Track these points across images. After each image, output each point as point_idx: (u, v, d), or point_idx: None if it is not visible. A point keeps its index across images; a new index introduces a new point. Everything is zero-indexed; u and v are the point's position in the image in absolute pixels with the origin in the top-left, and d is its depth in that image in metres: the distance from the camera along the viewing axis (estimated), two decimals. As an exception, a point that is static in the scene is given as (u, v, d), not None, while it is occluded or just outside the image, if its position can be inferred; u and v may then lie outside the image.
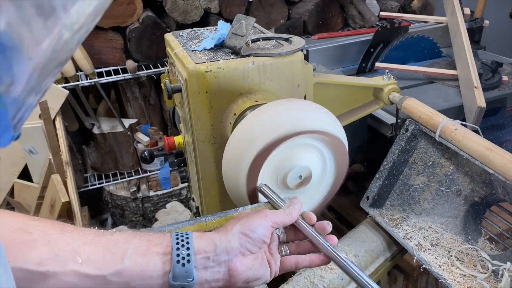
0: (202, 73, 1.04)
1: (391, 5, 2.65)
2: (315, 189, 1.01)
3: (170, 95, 1.16)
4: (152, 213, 2.48)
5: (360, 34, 2.24)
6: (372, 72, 1.90)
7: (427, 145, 1.21)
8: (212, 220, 0.84)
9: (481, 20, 2.07)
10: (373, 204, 1.25)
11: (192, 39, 1.27)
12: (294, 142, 0.93)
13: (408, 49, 1.90)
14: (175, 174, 2.48)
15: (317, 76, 1.24)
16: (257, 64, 1.08)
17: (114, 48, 2.21)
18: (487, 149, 0.99)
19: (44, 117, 1.86)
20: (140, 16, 2.16)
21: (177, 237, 0.65)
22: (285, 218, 0.74)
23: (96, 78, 2.16)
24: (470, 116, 1.50)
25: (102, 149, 2.39)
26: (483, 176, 1.06)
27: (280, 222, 0.74)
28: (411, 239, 1.14)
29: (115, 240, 0.62)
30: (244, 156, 0.92)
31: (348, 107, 1.34)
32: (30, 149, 1.95)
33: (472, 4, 2.14)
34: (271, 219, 0.72)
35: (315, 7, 2.39)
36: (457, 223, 1.16)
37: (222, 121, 1.10)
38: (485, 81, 1.65)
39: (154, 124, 2.53)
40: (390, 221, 1.21)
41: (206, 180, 1.17)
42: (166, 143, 1.39)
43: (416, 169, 1.23)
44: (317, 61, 1.75)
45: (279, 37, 1.23)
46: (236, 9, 2.23)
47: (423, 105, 1.21)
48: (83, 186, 2.38)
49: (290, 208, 0.77)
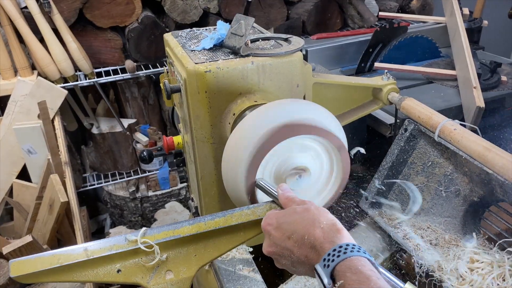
0: (201, 73, 1.04)
1: (390, 5, 2.65)
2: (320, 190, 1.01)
3: (169, 95, 1.16)
4: (151, 213, 2.48)
5: (359, 34, 2.25)
6: (371, 72, 1.90)
7: (426, 145, 1.21)
8: (211, 220, 0.84)
9: (480, 20, 2.07)
10: (373, 204, 1.26)
11: (191, 39, 1.27)
12: (294, 142, 0.93)
13: (407, 49, 1.90)
14: (174, 174, 2.47)
15: (316, 76, 1.24)
16: (256, 64, 1.08)
17: (113, 48, 2.20)
18: (486, 149, 1.00)
19: (43, 117, 1.86)
20: (139, 16, 2.16)
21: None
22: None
23: (95, 78, 2.16)
24: (469, 116, 1.51)
25: (101, 149, 2.39)
26: (482, 176, 1.06)
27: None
28: (410, 239, 1.14)
29: None
30: (243, 156, 0.92)
31: (347, 107, 1.34)
32: (29, 149, 1.95)
33: (471, 4, 2.14)
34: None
35: (314, 7, 2.39)
36: (456, 223, 1.16)
37: (221, 121, 1.10)
38: (484, 81, 1.65)
39: (153, 124, 2.53)
40: (389, 221, 1.21)
41: (205, 180, 1.17)
42: (165, 143, 1.39)
43: (415, 169, 1.24)
44: (316, 61, 1.75)
45: (278, 37, 1.23)
46: (235, 9, 2.23)
47: (422, 105, 1.21)
48: (82, 186, 2.37)
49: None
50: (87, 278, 0.79)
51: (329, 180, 1.01)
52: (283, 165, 0.95)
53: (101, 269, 0.79)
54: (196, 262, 0.85)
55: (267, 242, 0.77)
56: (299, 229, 0.71)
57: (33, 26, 1.96)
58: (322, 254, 0.66)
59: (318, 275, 0.65)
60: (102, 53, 2.21)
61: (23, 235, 1.70)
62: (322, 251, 0.66)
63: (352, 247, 0.65)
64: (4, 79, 2.01)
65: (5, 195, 2.03)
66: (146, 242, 0.80)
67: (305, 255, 0.69)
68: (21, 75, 2.01)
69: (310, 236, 0.69)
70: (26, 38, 1.95)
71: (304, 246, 0.70)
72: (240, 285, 1.04)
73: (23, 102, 1.96)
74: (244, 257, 1.13)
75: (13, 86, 1.96)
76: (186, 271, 0.84)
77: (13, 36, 1.94)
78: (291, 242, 0.71)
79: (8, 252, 1.47)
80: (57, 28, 2.00)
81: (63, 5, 2.00)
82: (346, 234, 0.69)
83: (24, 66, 2.00)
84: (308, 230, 0.70)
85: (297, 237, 0.71)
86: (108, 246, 0.78)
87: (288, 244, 0.72)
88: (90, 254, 0.77)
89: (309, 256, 0.69)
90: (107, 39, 2.18)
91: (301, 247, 0.70)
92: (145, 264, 0.81)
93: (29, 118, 1.97)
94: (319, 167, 0.99)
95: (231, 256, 1.13)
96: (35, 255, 0.75)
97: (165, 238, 0.81)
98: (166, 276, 0.83)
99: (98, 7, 2.07)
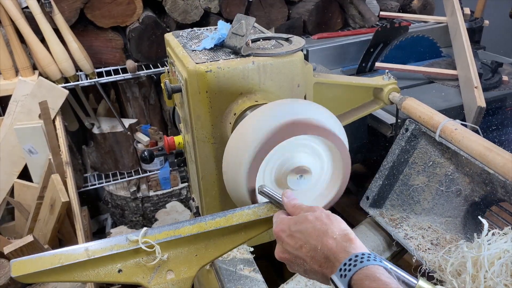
0: (202, 73, 1.04)
1: (391, 5, 2.65)
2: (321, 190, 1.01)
3: (170, 95, 1.16)
4: (152, 213, 2.48)
5: (360, 34, 2.24)
6: (372, 72, 1.90)
7: (427, 145, 1.21)
8: (212, 220, 0.84)
9: (481, 20, 2.07)
10: (373, 204, 1.25)
11: (192, 39, 1.27)
12: (295, 142, 0.93)
13: (408, 49, 1.90)
14: (175, 174, 2.48)
15: (317, 76, 1.23)
16: (257, 64, 1.08)
17: (114, 48, 2.21)
18: (487, 149, 0.99)
19: (44, 117, 1.86)
20: (140, 16, 2.16)
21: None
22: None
23: (96, 78, 2.16)
24: (470, 116, 1.50)
25: (102, 149, 2.39)
26: (483, 176, 1.06)
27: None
28: (411, 239, 1.14)
29: None
30: (244, 156, 0.92)
31: (348, 107, 1.34)
32: (30, 149, 1.95)
33: (472, 4, 2.14)
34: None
35: (315, 7, 2.39)
36: (457, 223, 1.16)
37: (222, 121, 1.10)
38: (485, 81, 1.65)
39: (154, 124, 2.53)
40: (390, 221, 1.21)
41: (206, 180, 1.17)
42: (166, 143, 1.39)
43: (416, 169, 1.23)
44: (317, 61, 1.75)
45: (279, 37, 1.23)
46: (236, 9, 2.23)
47: (423, 105, 1.21)
48: (83, 186, 2.37)
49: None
50: (88, 278, 0.79)
51: (330, 180, 1.01)
52: (284, 165, 0.95)
53: (102, 269, 0.79)
54: (197, 262, 0.85)
55: (279, 248, 0.77)
56: (311, 239, 0.71)
57: (34, 26, 1.96)
58: (336, 264, 0.66)
59: (335, 285, 0.65)
60: (103, 53, 2.21)
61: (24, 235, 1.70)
62: (336, 262, 0.66)
63: (368, 256, 0.65)
64: (5, 79, 2.01)
65: (6, 195, 2.03)
66: (147, 242, 0.80)
67: (319, 265, 0.70)
68: (22, 75, 2.01)
69: (324, 247, 0.69)
70: (27, 38, 1.95)
71: (318, 257, 0.70)
72: (241, 285, 1.04)
73: (24, 102, 1.96)
74: (245, 257, 1.13)
75: (14, 86, 1.97)
76: (187, 271, 0.84)
77: (14, 36, 1.95)
78: (304, 252, 0.72)
79: (9, 252, 1.47)
80: (58, 28, 2.00)
81: (64, 5, 2.01)
82: (359, 243, 0.69)
83: (25, 66, 2.01)
84: (321, 240, 0.70)
85: (310, 247, 0.71)
86: (109, 246, 0.79)
87: (301, 253, 0.72)
88: (91, 254, 0.77)
89: (323, 266, 0.69)
90: (108, 39, 2.18)
91: (314, 258, 0.70)
92: (146, 264, 0.81)
93: (30, 118, 1.97)
94: (320, 167, 0.99)
95: (232, 256, 1.13)
96: (36, 255, 0.75)
97: (166, 238, 0.81)
98: (167, 276, 0.83)
99: (99, 7, 2.07)
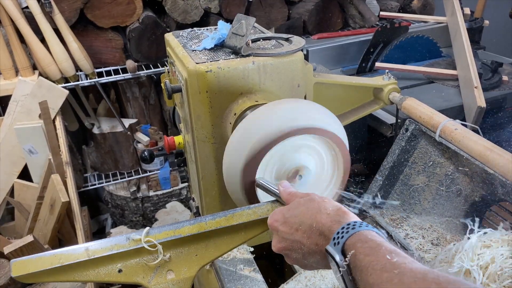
0: (202, 73, 1.04)
1: (391, 5, 2.65)
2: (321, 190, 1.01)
3: (170, 95, 1.16)
4: (152, 213, 2.48)
5: (360, 34, 2.24)
6: (372, 72, 1.90)
7: (427, 145, 1.21)
8: (212, 220, 0.84)
9: (481, 20, 2.07)
10: (374, 204, 1.25)
11: (192, 39, 1.27)
12: (295, 142, 0.93)
13: (408, 49, 1.90)
14: (175, 174, 2.48)
15: (317, 76, 1.23)
16: (257, 64, 1.08)
17: (114, 48, 2.21)
18: (487, 149, 0.99)
19: (44, 117, 1.86)
20: (140, 16, 2.16)
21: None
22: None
23: (96, 78, 2.16)
24: (470, 116, 1.50)
25: (102, 149, 2.39)
26: (483, 176, 1.06)
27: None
28: (412, 239, 1.14)
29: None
30: (244, 156, 0.92)
31: (348, 107, 1.34)
32: (30, 149, 1.95)
33: (472, 4, 2.14)
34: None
35: (315, 7, 2.39)
36: (457, 222, 1.16)
37: (222, 121, 1.10)
38: (485, 81, 1.65)
39: (154, 124, 2.53)
40: (390, 221, 1.21)
41: (206, 180, 1.17)
42: (166, 143, 1.39)
43: (416, 169, 1.23)
44: (317, 61, 1.75)
45: (279, 37, 1.23)
46: (236, 9, 2.23)
47: (423, 105, 1.21)
48: (83, 186, 2.37)
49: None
50: (88, 278, 0.79)
51: (330, 180, 1.01)
52: (284, 165, 0.95)
53: (102, 269, 0.79)
54: (197, 262, 0.85)
55: (276, 239, 0.77)
56: (306, 219, 0.71)
57: (34, 26, 1.96)
58: (331, 236, 0.66)
59: (330, 255, 0.64)
60: (103, 53, 2.21)
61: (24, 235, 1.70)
62: (331, 234, 0.66)
63: (360, 223, 0.65)
64: (5, 79, 2.01)
65: (6, 195, 2.03)
66: (150, 241, 0.80)
67: (315, 243, 0.69)
68: (22, 75, 2.01)
69: (318, 224, 0.69)
70: (27, 38, 1.95)
71: (313, 235, 0.69)
72: (241, 285, 1.04)
73: (24, 102, 1.96)
74: (245, 257, 1.13)
75: (14, 86, 1.97)
76: (187, 271, 0.84)
77: (14, 36, 1.95)
78: (300, 234, 0.71)
79: (9, 252, 1.47)
80: (58, 28, 2.00)
81: (64, 5, 2.01)
82: (352, 215, 0.69)
83: (25, 66, 2.01)
84: (315, 218, 0.70)
85: (305, 227, 0.71)
86: (109, 246, 0.78)
87: (297, 236, 0.72)
88: (91, 254, 0.77)
89: (319, 243, 0.69)
90: (108, 39, 2.19)
91: (311, 236, 0.70)
92: (148, 263, 0.81)
93: (30, 118, 1.97)
94: (320, 167, 0.99)
95: (232, 256, 1.13)
96: (36, 255, 0.75)
97: (166, 238, 0.81)
98: (167, 276, 0.83)
99: (99, 7, 2.07)
